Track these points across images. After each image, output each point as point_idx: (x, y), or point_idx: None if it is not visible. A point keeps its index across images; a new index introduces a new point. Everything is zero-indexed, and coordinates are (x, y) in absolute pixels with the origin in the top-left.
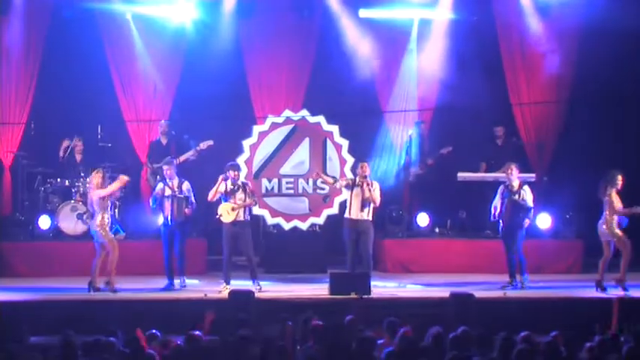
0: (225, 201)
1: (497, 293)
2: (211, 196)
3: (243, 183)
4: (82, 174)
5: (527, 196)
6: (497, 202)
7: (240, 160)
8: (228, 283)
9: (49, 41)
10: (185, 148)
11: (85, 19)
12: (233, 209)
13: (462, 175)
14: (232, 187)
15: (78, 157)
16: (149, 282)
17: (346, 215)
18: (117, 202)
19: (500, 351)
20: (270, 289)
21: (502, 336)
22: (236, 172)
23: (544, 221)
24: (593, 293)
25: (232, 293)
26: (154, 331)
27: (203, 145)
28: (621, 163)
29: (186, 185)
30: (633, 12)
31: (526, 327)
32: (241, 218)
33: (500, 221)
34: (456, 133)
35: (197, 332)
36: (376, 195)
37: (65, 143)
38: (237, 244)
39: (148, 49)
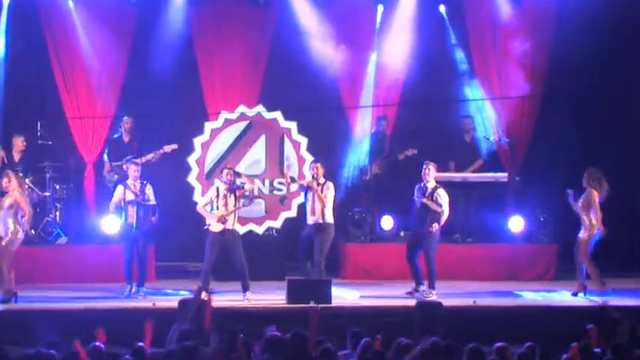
0: (212, 209)
1: (467, 301)
2: (203, 204)
3: (236, 186)
4: (21, 174)
5: (442, 199)
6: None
7: (191, 159)
8: (206, 290)
9: None
10: (147, 148)
11: (24, 5)
12: (222, 218)
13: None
14: (225, 192)
15: (17, 156)
16: (96, 290)
17: (309, 221)
18: (57, 205)
19: None
20: (223, 298)
21: (470, 347)
22: (230, 176)
23: (516, 224)
24: (570, 302)
25: (182, 302)
26: (97, 343)
27: (167, 149)
28: (600, 162)
29: (149, 188)
30: (609, 3)
31: (498, 337)
32: (230, 227)
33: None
34: (423, 129)
35: (141, 344)
36: (328, 196)
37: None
38: (225, 253)
39: (91, 38)
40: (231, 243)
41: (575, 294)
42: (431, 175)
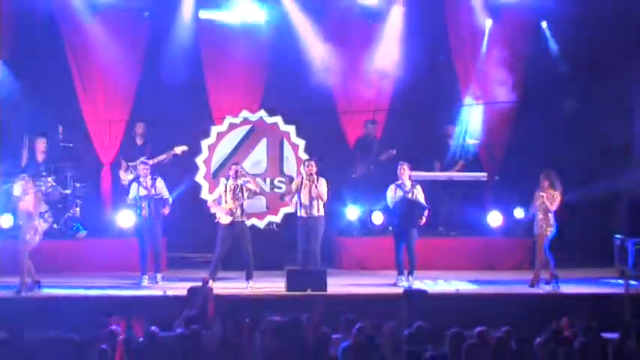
0: (220, 203)
1: (450, 289)
2: (213, 200)
3: (243, 182)
4: (44, 173)
5: (420, 195)
6: (390, 201)
7: (199, 159)
8: (214, 279)
9: (7, 38)
10: (159, 150)
11: (43, 13)
12: (230, 211)
13: (415, 174)
14: (232, 187)
15: (40, 157)
16: (114, 278)
17: (298, 214)
18: (77, 201)
19: (451, 346)
20: (228, 285)
21: (452, 332)
22: (239, 170)
23: (495, 219)
24: (543, 290)
25: (190, 290)
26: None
27: (178, 150)
28: (573, 161)
29: (159, 182)
30: (583, 10)
31: (479, 323)
32: (239, 219)
33: (395, 219)
34: (411, 133)
35: (154, 328)
36: (322, 191)
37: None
38: (235, 244)
39: (107, 48)
40: (241, 234)
41: (547, 282)
42: (406, 174)
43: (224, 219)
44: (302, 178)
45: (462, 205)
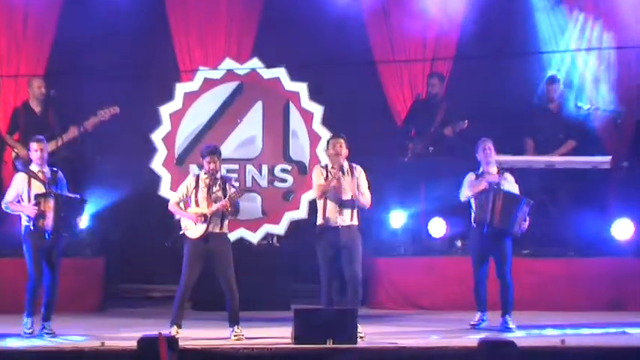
0: (190, 205)
1: (551, 341)
2: (177, 201)
3: (223, 177)
4: None
5: (514, 186)
6: (465, 198)
7: (157, 136)
8: (179, 325)
9: None
10: (69, 120)
11: None
12: (202, 216)
13: (498, 159)
14: (207, 182)
15: None
16: None
17: (319, 222)
18: None
19: None
20: (202, 334)
21: None
22: (214, 161)
23: (623, 230)
24: None
25: (143, 341)
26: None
27: (104, 113)
28: None
29: (60, 176)
30: None
31: None
32: (217, 230)
33: (484, 227)
34: (487, 94)
35: None
36: (363, 186)
37: None
38: (211, 266)
39: None
40: (218, 254)
41: None
42: (492, 157)
43: (192, 230)
44: (326, 166)
45: (571, 207)
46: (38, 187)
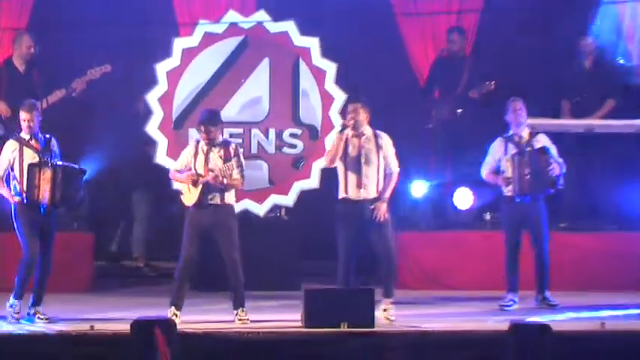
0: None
1: (590, 324)
2: (177, 168)
3: (225, 142)
4: None
5: (552, 149)
6: (493, 163)
7: (152, 96)
8: (178, 307)
9: None
10: (55, 80)
11: None
12: (197, 184)
13: (531, 123)
14: (205, 149)
15: None
16: None
17: (341, 195)
18: None
19: None
20: (202, 318)
21: None
22: (209, 131)
23: None
24: None
25: (137, 325)
26: None
27: (94, 72)
28: None
29: (54, 145)
30: None
31: None
32: (217, 201)
33: (518, 196)
34: (515, 50)
35: None
36: (389, 155)
37: None
38: (213, 241)
39: None
40: (220, 228)
41: None
42: (523, 119)
43: (187, 196)
44: (346, 132)
45: (611, 176)
46: (31, 156)
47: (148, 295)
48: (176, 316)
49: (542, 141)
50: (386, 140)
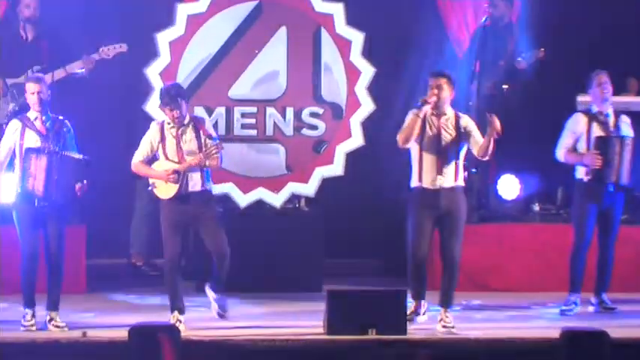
0: (158, 159)
1: None
2: (139, 159)
3: (194, 118)
4: None
5: (631, 133)
6: (569, 144)
7: (153, 70)
8: (181, 311)
9: None
10: (70, 52)
11: None
12: (174, 174)
13: (584, 100)
14: (173, 132)
15: None
16: None
17: (414, 183)
18: None
19: None
20: (208, 324)
21: None
22: (176, 107)
23: None
24: None
25: (135, 331)
26: None
27: (107, 51)
28: None
29: (68, 129)
30: None
31: None
32: (196, 188)
33: (607, 184)
34: (571, 19)
35: None
36: (478, 137)
37: None
38: (197, 233)
39: None
40: (202, 217)
41: None
42: (609, 94)
43: (162, 190)
44: (425, 109)
45: None
46: (34, 140)
47: (148, 297)
48: (180, 322)
49: (627, 123)
50: (470, 123)
